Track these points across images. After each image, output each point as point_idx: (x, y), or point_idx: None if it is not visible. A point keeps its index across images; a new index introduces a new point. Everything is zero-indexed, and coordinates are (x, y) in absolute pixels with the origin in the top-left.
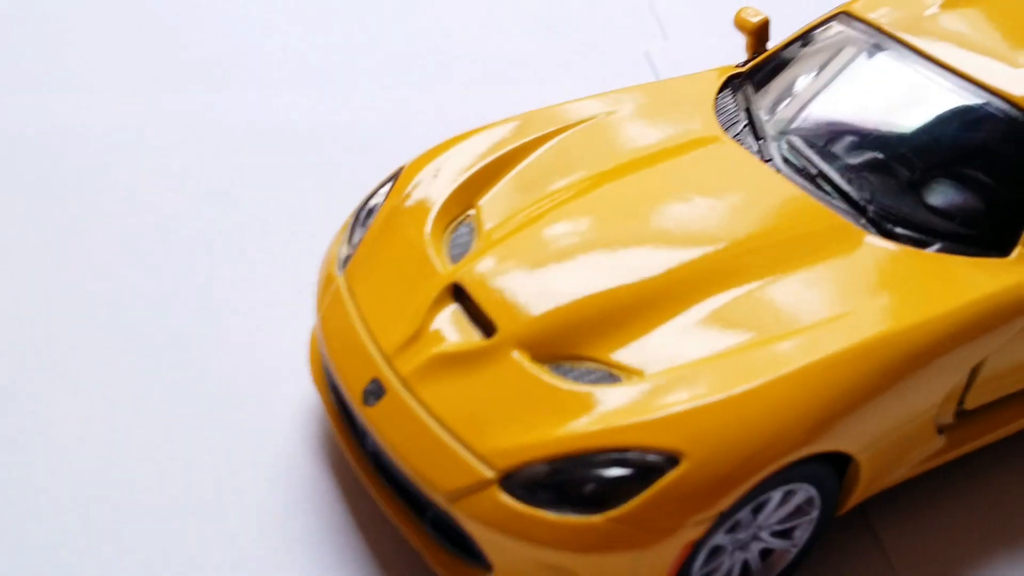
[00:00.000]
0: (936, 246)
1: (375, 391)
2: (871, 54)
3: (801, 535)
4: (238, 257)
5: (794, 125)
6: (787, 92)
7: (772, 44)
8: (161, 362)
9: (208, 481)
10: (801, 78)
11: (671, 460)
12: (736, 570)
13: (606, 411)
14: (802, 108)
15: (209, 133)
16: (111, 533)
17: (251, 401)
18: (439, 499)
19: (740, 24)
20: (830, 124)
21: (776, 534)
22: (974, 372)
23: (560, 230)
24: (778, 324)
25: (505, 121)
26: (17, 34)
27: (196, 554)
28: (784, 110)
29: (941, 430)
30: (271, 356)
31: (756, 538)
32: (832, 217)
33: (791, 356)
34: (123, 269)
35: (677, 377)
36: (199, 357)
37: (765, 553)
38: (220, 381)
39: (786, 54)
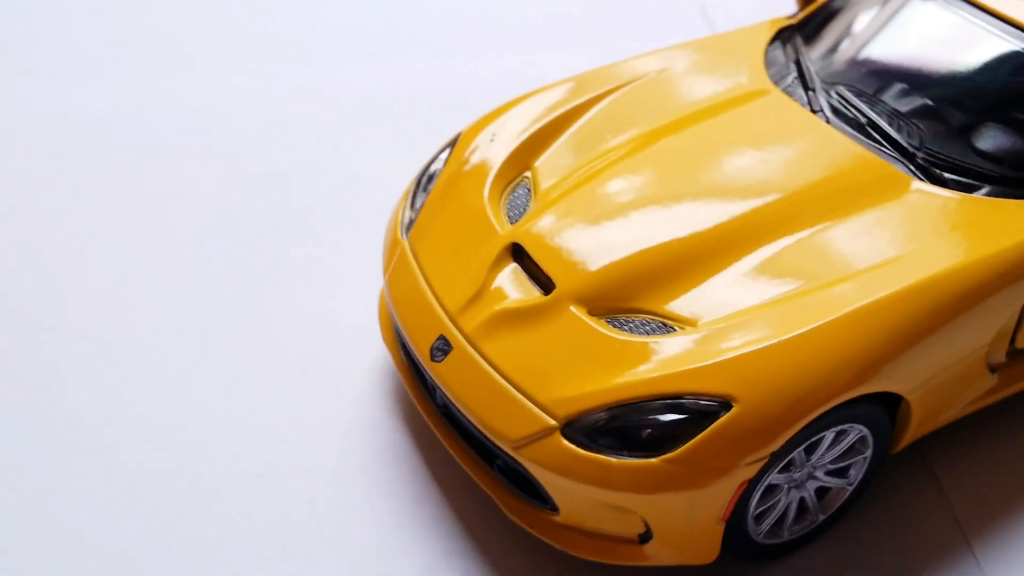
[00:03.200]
0: (984, 190)
1: (442, 348)
2: (920, 1)
3: (856, 473)
4: (307, 228)
5: (843, 75)
6: (836, 43)
7: None
8: (237, 334)
9: (289, 442)
10: (850, 28)
11: (724, 404)
12: (793, 507)
13: (661, 359)
14: (851, 58)
15: (263, 109)
16: (199, 497)
17: (326, 364)
18: (506, 447)
19: None
20: (879, 73)
21: (831, 473)
22: None
23: (614, 187)
24: (828, 271)
25: (558, 83)
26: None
27: (280, 511)
28: (833, 61)
29: (993, 369)
30: (343, 320)
31: (811, 477)
32: (881, 165)
33: (840, 301)
34: (190, 247)
35: (729, 325)
36: (274, 327)
37: (821, 491)
38: (296, 350)
39: (835, 5)
